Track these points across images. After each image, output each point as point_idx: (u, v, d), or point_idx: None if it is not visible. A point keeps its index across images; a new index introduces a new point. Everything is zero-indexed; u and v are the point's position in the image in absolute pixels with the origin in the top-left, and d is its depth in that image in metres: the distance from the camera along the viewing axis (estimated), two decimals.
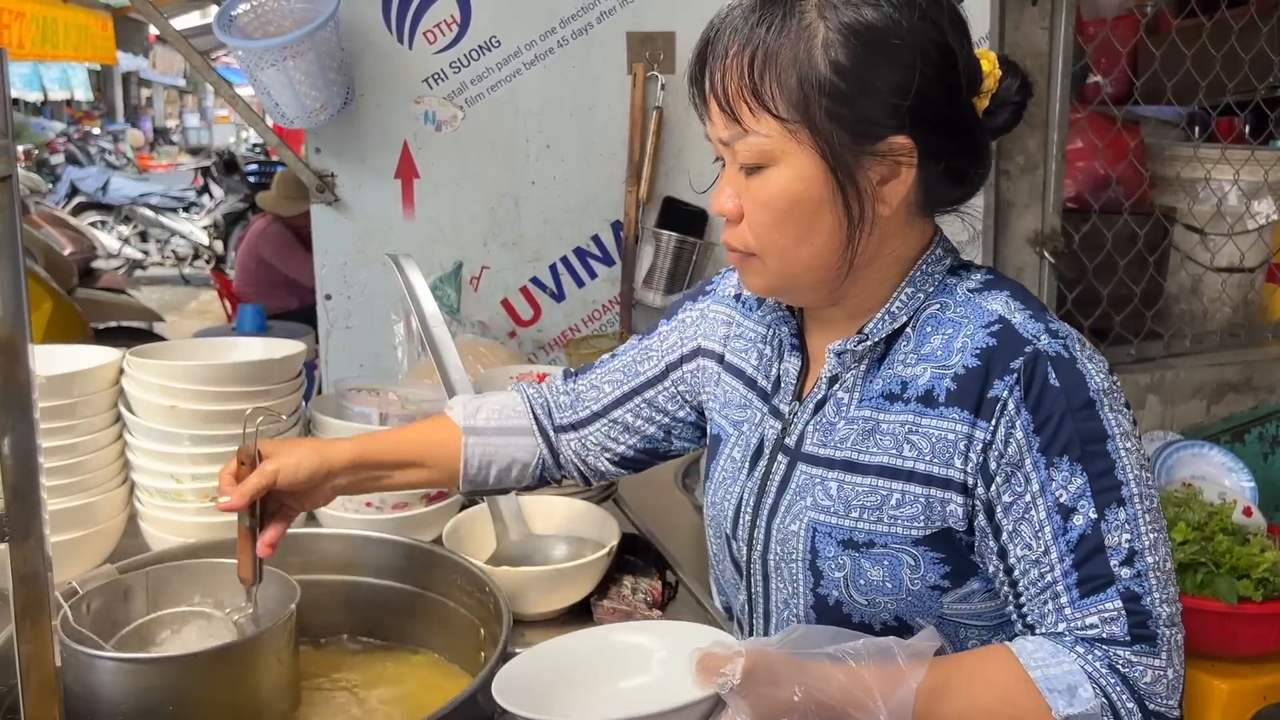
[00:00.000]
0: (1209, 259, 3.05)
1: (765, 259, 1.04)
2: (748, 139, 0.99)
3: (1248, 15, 2.92)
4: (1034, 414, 0.96)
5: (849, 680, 0.90)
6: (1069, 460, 0.96)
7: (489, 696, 1.11)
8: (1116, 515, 0.95)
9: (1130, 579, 0.94)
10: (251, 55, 1.85)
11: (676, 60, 2.29)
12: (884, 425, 1.04)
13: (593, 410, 1.30)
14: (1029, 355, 0.98)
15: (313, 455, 1.19)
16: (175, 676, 1.10)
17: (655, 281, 2.30)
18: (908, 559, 1.03)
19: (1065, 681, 0.92)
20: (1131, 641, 0.93)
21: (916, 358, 1.04)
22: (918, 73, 0.96)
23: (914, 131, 0.98)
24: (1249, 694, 2.36)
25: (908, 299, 1.06)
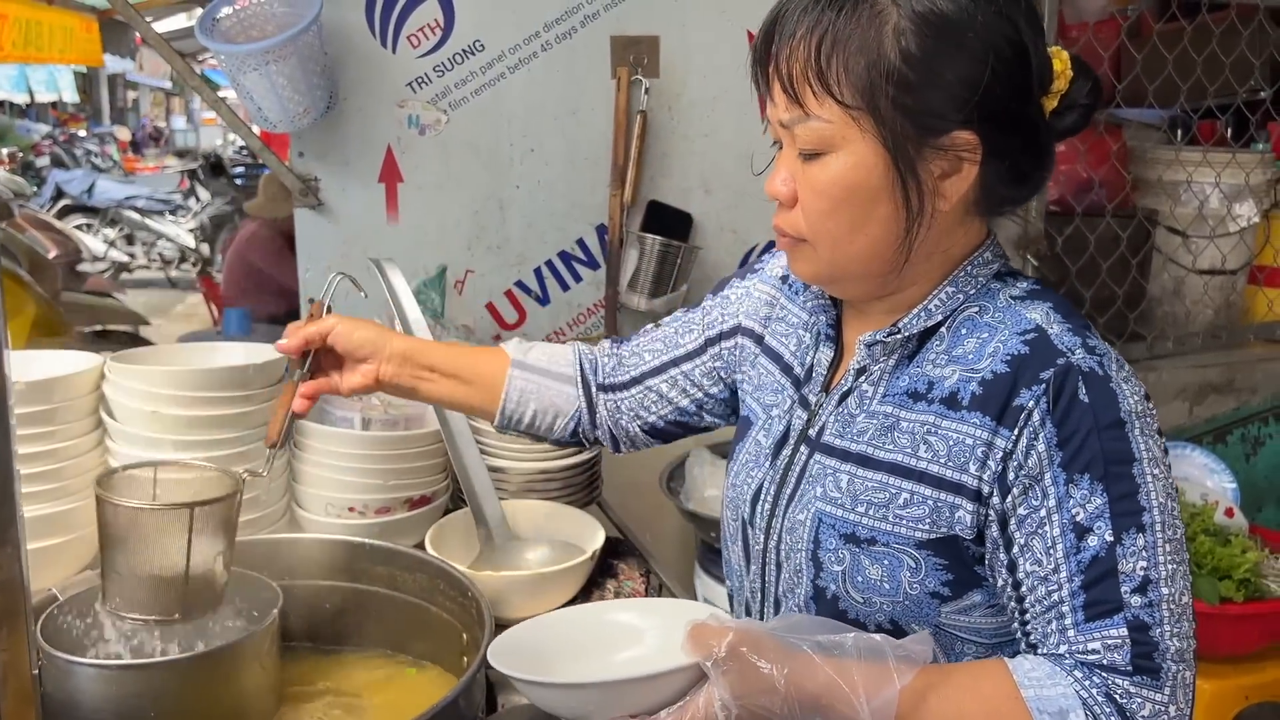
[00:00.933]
0: (1191, 261, 3.07)
1: (817, 246, 1.02)
2: (809, 123, 0.97)
3: (1228, 19, 2.94)
4: (1059, 428, 0.94)
5: (835, 673, 0.90)
6: (1090, 479, 0.93)
7: (471, 701, 1.12)
8: (1134, 541, 0.92)
9: (1140, 608, 0.91)
10: (234, 59, 1.84)
11: (660, 64, 2.30)
12: (904, 423, 1.02)
13: (632, 375, 1.30)
14: (1060, 367, 0.95)
15: (372, 328, 1.26)
16: (156, 682, 1.10)
17: (640, 285, 2.30)
18: (909, 561, 1.01)
19: (1058, 705, 0.90)
20: (1133, 672, 0.90)
21: (948, 359, 1.02)
22: (989, 68, 0.94)
23: (980, 127, 0.96)
24: (1231, 694, 2.37)
25: (947, 298, 1.04)
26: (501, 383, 1.28)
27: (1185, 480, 2.67)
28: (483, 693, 1.18)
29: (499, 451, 1.61)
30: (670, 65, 2.31)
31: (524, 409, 1.29)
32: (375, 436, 1.55)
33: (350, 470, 1.51)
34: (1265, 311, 3.24)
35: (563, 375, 1.31)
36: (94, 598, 1.20)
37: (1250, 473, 3.00)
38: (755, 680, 0.89)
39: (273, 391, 1.52)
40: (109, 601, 1.12)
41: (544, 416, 1.30)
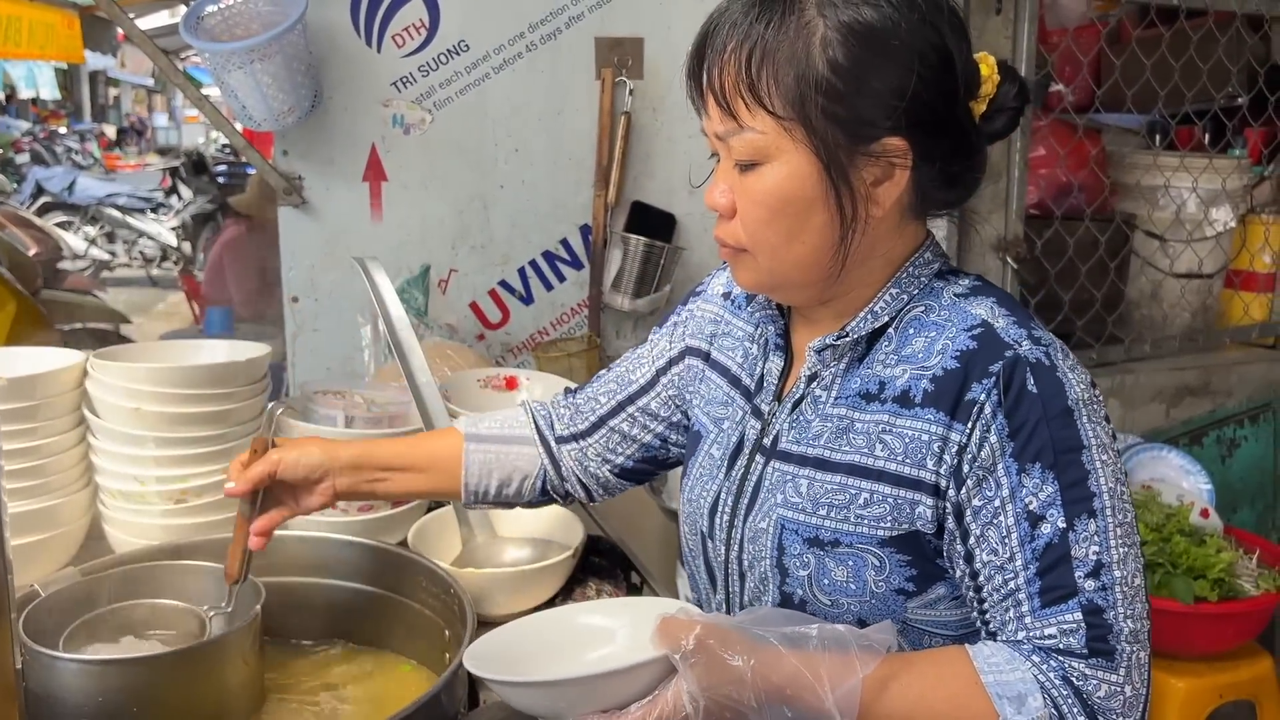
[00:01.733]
0: (1168, 265, 3.10)
1: (757, 255, 1.04)
2: (743, 134, 0.98)
3: (1205, 26, 2.97)
4: (1009, 419, 0.96)
5: (800, 664, 0.91)
6: (1041, 467, 0.95)
7: (452, 696, 1.13)
8: (1086, 526, 0.94)
9: (1094, 591, 0.93)
10: (219, 58, 1.85)
11: (645, 66, 2.31)
12: (858, 424, 1.04)
13: (590, 422, 1.31)
14: (1009, 360, 0.97)
15: (316, 450, 1.24)
16: (138, 678, 1.10)
17: (623, 285, 2.31)
18: (873, 560, 1.02)
19: (1016, 689, 0.92)
20: (1089, 655, 0.92)
21: (897, 359, 1.04)
22: (915, 75, 0.96)
23: (909, 133, 0.98)
24: (1206, 692, 2.40)
25: (892, 299, 1.06)
26: (459, 462, 1.29)
27: (1162, 481, 2.70)
28: (464, 688, 1.19)
29: None
30: (654, 67, 2.32)
31: (487, 481, 1.30)
32: (359, 434, 1.55)
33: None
34: (1241, 315, 3.28)
35: (519, 437, 1.32)
36: (76, 593, 1.20)
37: (1226, 474, 3.03)
38: (722, 672, 0.90)
39: (255, 389, 1.52)
40: None
41: (509, 483, 1.31)
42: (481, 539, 1.51)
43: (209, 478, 1.44)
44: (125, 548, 1.42)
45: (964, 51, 1.01)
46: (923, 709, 0.94)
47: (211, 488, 1.45)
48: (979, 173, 1.07)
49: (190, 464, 1.44)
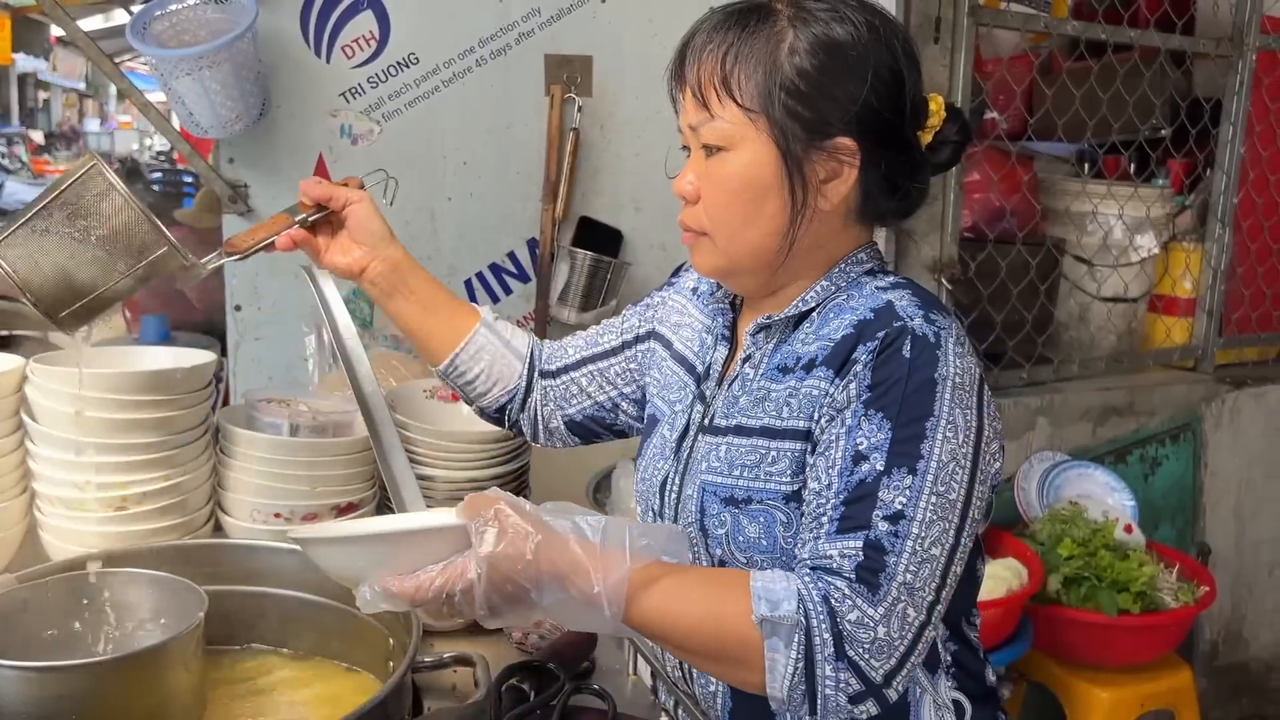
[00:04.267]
0: (1096, 289, 3.21)
1: (715, 238, 1.14)
2: (713, 123, 1.10)
3: (1131, 60, 3.09)
4: (873, 373, 1.04)
5: (581, 552, 0.97)
6: (883, 417, 1.02)
7: (398, 704, 1.13)
8: (902, 479, 1.00)
9: (885, 534, 0.99)
10: (166, 64, 1.83)
11: (594, 83, 2.34)
12: (774, 393, 1.13)
13: (557, 366, 1.43)
14: (895, 329, 1.05)
15: (384, 225, 1.38)
16: (78, 685, 1.08)
17: (570, 299, 2.33)
18: (780, 516, 1.10)
19: (777, 595, 0.98)
20: (854, 580, 0.98)
21: (815, 336, 1.13)
22: (868, 86, 1.08)
23: (859, 137, 1.09)
24: (1129, 702, 2.48)
25: (821, 290, 1.16)
26: (465, 332, 1.38)
27: (1088, 498, 2.79)
28: (409, 696, 1.20)
29: (427, 460, 1.62)
30: (603, 85, 2.35)
31: (474, 365, 1.39)
32: (302, 443, 1.55)
33: (277, 476, 1.51)
34: (1164, 338, 3.40)
35: (517, 351, 1.42)
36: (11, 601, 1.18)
37: (1149, 491, 3.14)
38: (510, 546, 0.95)
39: (198, 396, 1.51)
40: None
41: (487, 380, 1.40)
42: None
43: (150, 484, 1.43)
44: (62, 555, 1.40)
45: (914, 78, 1.13)
46: (685, 604, 1.00)
47: (153, 495, 1.43)
48: (923, 189, 1.18)
49: (131, 470, 1.43)
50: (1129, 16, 2.99)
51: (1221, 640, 3.51)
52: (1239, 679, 3.53)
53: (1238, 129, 3.25)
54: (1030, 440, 2.95)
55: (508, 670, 1.19)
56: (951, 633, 1.18)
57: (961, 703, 1.17)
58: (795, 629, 0.96)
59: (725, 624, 0.99)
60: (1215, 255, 3.33)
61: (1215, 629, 3.48)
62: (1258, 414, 3.42)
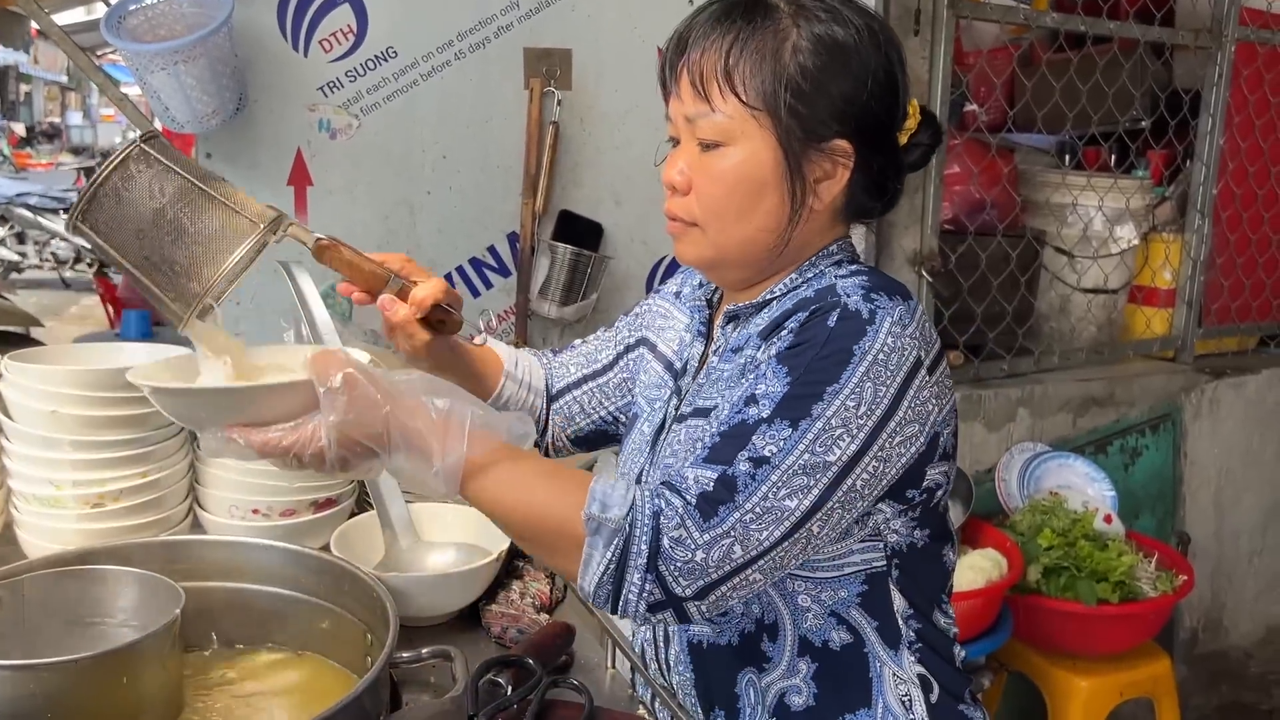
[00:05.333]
0: (1076, 280, 3.22)
1: (706, 229, 1.14)
2: (712, 117, 1.09)
3: (1110, 52, 3.11)
4: (793, 335, 1.06)
5: (426, 426, 0.98)
6: (786, 371, 1.03)
7: (375, 699, 1.13)
8: (780, 430, 1.01)
9: (743, 474, 1.00)
10: (141, 58, 1.82)
11: (573, 77, 2.34)
12: (725, 372, 1.16)
13: (560, 387, 1.44)
14: (828, 303, 1.06)
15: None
16: (54, 684, 1.08)
17: (551, 293, 2.33)
18: None
19: (613, 499, 1.00)
20: (692, 504, 0.99)
21: (767, 319, 1.15)
22: (868, 90, 1.09)
23: (855, 139, 1.10)
24: (1108, 691, 2.50)
25: (790, 282, 1.17)
26: (494, 388, 1.40)
27: (1068, 488, 2.81)
28: (387, 691, 1.20)
29: None
30: (583, 78, 2.35)
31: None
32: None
33: (254, 472, 1.51)
34: (1143, 329, 3.42)
35: (537, 390, 1.44)
36: None
37: (1128, 482, 3.16)
38: (361, 412, 0.96)
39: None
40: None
41: None
42: (405, 543, 1.51)
43: (128, 481, 1.43)
44: (39, 553, 1.39)
45: (903, 83, 1.14)
46: (520, 491, 1.02)
47: (130, 491, 1.43)
48: (900, 190, 1.20)
49: (108, 468, 1.42)
50: (1109, 8, 3.00)
51: (1201, 628, 3.54)
52: (1218, 667, 3.57)
53: (1217, 120, 3.27)
54: (1011, 431, 2.97)
55: (485, 665, 1.19)
56: (915, 612, 1.18)
57: (928, 677, 1.17)
58: (617, 534, 0.99)
59: (552, 514, 1.01)
60: (1195, 246, 3.35)
61: (1195, 617, 3.51)
62: (1237, 404, 3.44)
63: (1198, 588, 3.37)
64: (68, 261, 9.75)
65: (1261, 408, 3.52)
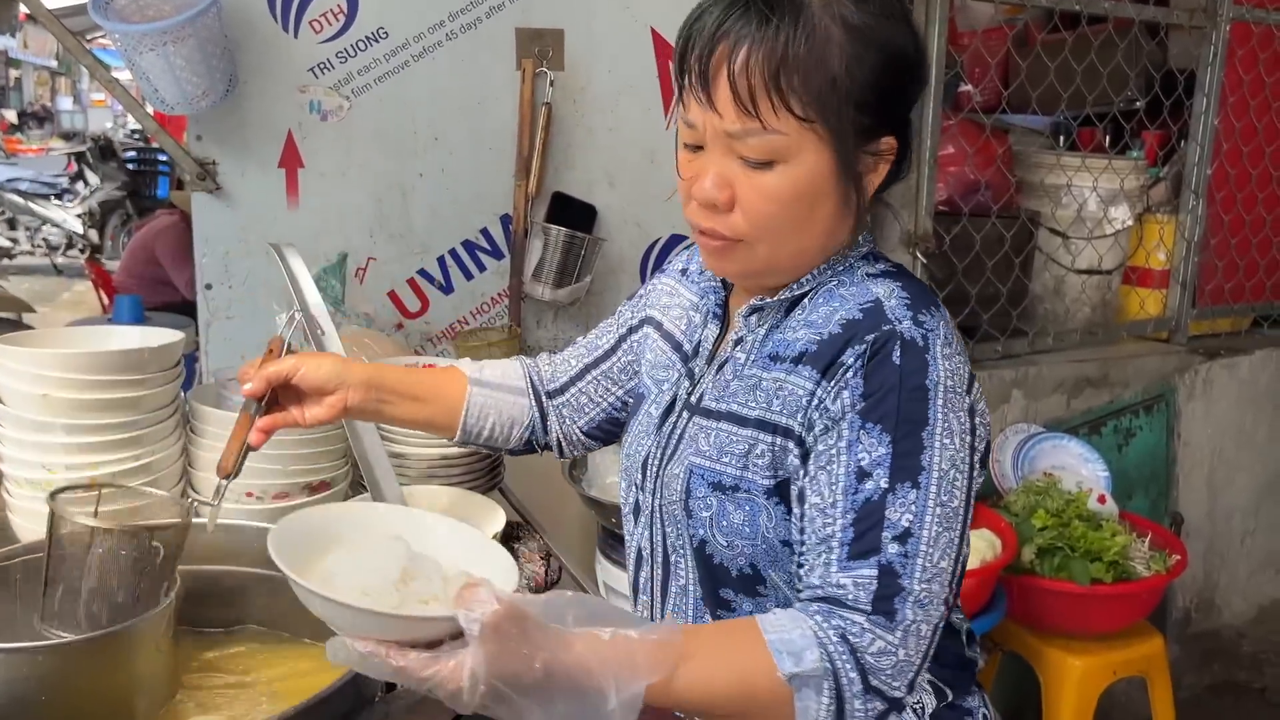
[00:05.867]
0: (1070, 261, 3.22)
1: (755, 245, 1.09)
2: (765, 136, 1.02)
3: (1106, 32, 3.10)
4: (867, 381, 1.02)
5: (591, 663, 0.90)
6: (881, 430, 1.00)
7: (369, 680, 1.13)
8: (906, 494, 0.99)
9: (895, 555, 0.98)
10: (130, 39, 1.81)
11: (565, 57, 2.32)
12: (764, 382, 1.11)
13: (562, 382, 1.41)
14: (884, 332, 1.04)
15: (335, 361, 1.30)
16: (48, 666, 1.08)
17: (544, 275, 2.32)
18: (764, 507, 1.09)
19: (797, 645, 0.96)
20: (870, 611, 0.97)
21: (803, 324, 1.11)
22: (907, 79, 1.07)
23: (897, 132, 1.08)
24: (1101, 670, 2.51)
25: (818, 273, 1.13)
26: (460, 401, 1.37)
27: (1062, 469, 2.81)
28: None
29: (399, 437, 1.62)
30: (575, 59, 2.34)
31: (483, 423, 1.38)
32: None
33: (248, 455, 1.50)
34: (1138, 310, 3.42)
35: (516, 388, 1.41)
36: None
37: (1122, 462, 3.17)
38: (509, 661, 0.88)
39: (167, 375, 1.50)
40: (47, 621, 1.13)
41: (502, 429, 1.40)
42: None
43: (120, 465, 1.42)
44: (31, 537, 1.39)
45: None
46: (709, 687, 0.95)
47: (122, 475, 1.42)
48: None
49: (101, 451, 1.42)
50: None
51: (1194, 608, 3.56)
52: (1211, 646, 3.58)
53: (1211, 100, 3.26)
54: (1005, 412, 2.97)
55: None
56: None
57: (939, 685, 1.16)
58: (824, 677, 0.95)
59: (756, 691, 0.96)
60: (1189, 227, 3.35)
61: (1188, 597, 3.53)
62: (1230, 384, 3.45)
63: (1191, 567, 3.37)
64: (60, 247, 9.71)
65: (1255, 388, 3.52)
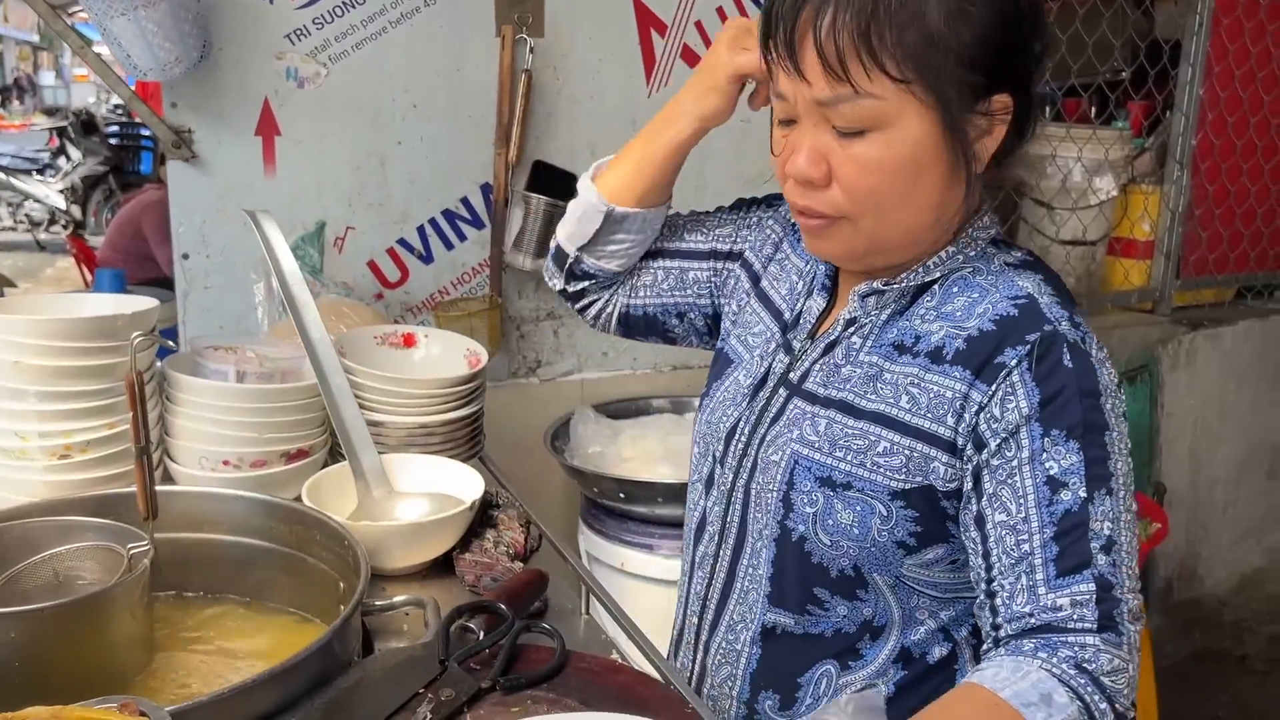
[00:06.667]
0: (1055, 232, 3.23)
1: (859, 222, 1.01)
2: (858, 101, 0.94)
3: (1091, 2, 3.08)
4: (1041, 386, 0.95)
5: None
6: (1067, 437, 0.94)
7: (345, 643, 1.13)
8: (1104, 502, 0.94)
9: (1105, 566, 0.92)
10: (101, 4, 1.78)
11: (545, 24, 2.30)
12: (887, 374, 1.04)
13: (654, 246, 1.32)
14: (1047, 333, 0.97)
15: None
16: (21, 632, 1.07)
17: (525, 245, 2.31)
18: (880, 509, 1.02)
19: (1038, 691, 0.88)
20: (1098, 629, 0.91)
21: (936, 314, 1.03)
22: (1020, 29, 0.96)
23: (1013, 90, 0.98)
24: None
25: (947, 256, 1.05)
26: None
27: None
28: (358, 638, 1.20)
29: (378, 405, 1.61)
30: (555, 25, 2.31)
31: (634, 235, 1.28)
32: (250, 389, 1.53)
33: (225, 423, 1.49)
34: (1122, 280, 3.43)
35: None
36: None
37: None
38: None
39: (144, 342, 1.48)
40: None
41: (626, 254, 1.30)
42: (378, 494, 1.51)
43: (94, 433, 1.41)
44: (4, 505, 1.38)
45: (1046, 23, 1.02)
46: None
47: (97, 443, 1.41)
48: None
49: (74, 418, 1.40)
50: None
51: (1176, 577, 3.59)
52: (1192, 614, 3.62)
53: (1197, 71, 3.26)
54: None
55: (457, 610, 1.19)
56: None
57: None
58: (1080, 716, 0.89)
59: None
60: (1173, 198, 3.35)
61: (1170, 566, 3.56)
62: (1213, 355, 3.46)
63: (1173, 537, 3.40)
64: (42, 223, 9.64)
65: (1238, 359, 3.54)
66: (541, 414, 2.32)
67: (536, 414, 2.33)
